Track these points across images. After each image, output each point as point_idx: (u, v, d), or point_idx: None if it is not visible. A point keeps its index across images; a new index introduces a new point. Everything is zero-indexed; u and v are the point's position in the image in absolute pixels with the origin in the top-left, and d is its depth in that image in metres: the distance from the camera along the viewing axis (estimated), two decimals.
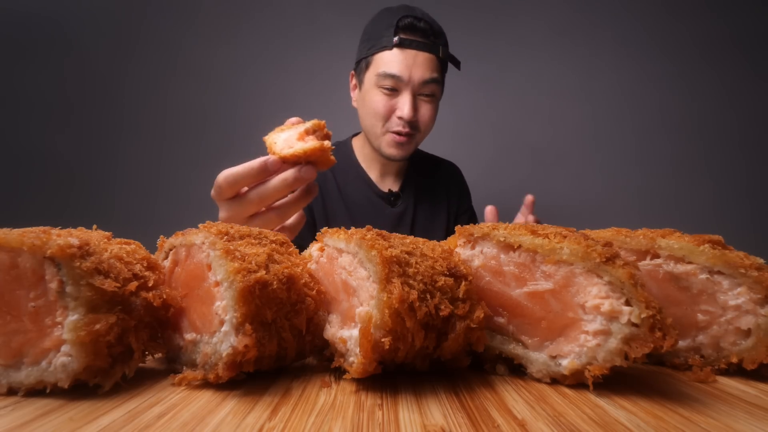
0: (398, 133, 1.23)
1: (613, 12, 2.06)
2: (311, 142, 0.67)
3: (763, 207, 2.00)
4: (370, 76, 1.24)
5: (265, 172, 0.68)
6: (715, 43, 2.02)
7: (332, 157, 0.69)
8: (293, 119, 0.74)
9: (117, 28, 2.12)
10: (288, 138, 0.70)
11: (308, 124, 0.70)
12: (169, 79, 2.14)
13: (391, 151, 1.27)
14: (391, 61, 1.19)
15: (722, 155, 2.03)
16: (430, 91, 1.23)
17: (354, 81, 1.36)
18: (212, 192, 0.71)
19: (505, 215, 1.84)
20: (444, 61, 1.27)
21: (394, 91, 1.21)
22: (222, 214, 0.71)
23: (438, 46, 1.22)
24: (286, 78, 2.13)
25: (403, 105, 1.20)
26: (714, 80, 2.03)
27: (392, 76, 1.19)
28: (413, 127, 1.24)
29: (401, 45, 1.18)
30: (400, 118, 1.21)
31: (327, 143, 0.67)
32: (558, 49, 2.08)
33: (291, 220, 0.78)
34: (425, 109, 1.24)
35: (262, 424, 0.30)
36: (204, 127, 2.14)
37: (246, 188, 0.70)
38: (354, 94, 1.37)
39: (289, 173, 0.68)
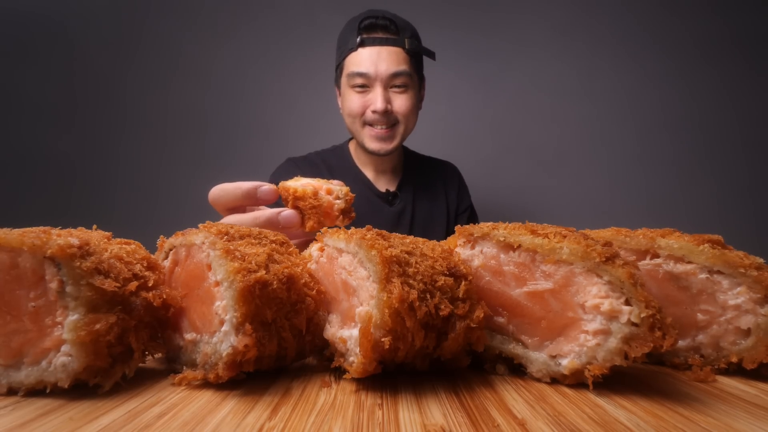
0: (375, 125, 1.28)
1: (614, 11, 2.06)
2: (306, 185, 0.61)
3: (764, 207, 2.00)
4: (343, 80, 1.31)
5: (251, 199, 0.62)
6: (716, 42, 2.02)
7: (324, 219, 0.62)
8: (335, 182, 0.67)
9: (117, 30, 2.12)
10: (308, 182, 0.64)
11: (338, 187, 0.64)
12: (169, 79, 2.14)
13: (374, 145, 1.31)
14: (357, 60, 1.26)
15: (722, 155, 2.03)
16: (402, 82, 1.27)
17: (338, 91, 1.42)
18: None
19: (506, 215, 1.83)
20: (415, 53, 1.30)
21: (365, 88, 1.27)
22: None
23: (403, 39, 1.27)
24: (287, 78, 2.13)
25: (375, 99, 1.25)
26: (714, 80, 2.03)
27: (360, 74, 1.25)
28: (390, 119, 1.28)
29: (364, 44, 1.25)
30: (374, 111, 1.26)
31: (325, 196, 0.60)
32: (558, 49, 2.08)
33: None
34: (400, 101, 1.28)
35: (262, 424, 0.30)
36: (204, 127, 2.14)
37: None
38: (340, 103, 1.42)
39: (263, 211, 0.62)
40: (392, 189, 1.42)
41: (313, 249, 0.47)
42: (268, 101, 2.14)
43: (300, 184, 0.63)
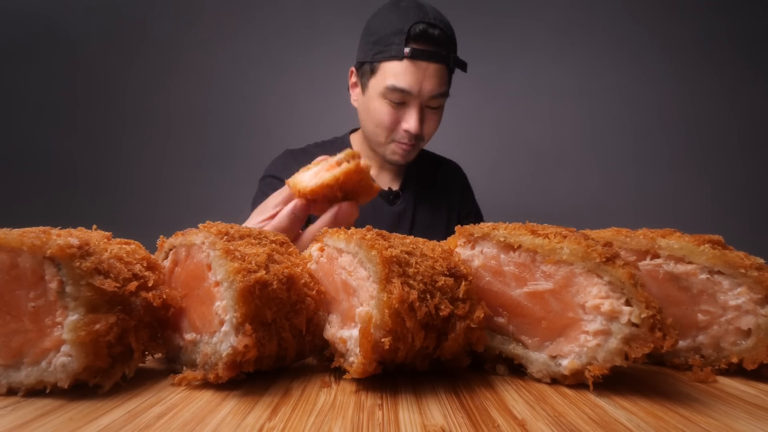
0: (403, 143, 1.20)
1: (613, 12, 2.06)
2: (343, 166, 0.57)
3: (764, 207, 2.00)
4: (376, 85, 1.18)
5: (297, 223, 0.61)
6: (714, 42, 2.02)
7: (375, 184, 0.60)
8: (320, 158, 0.63)
9: (117, 30, 2.12)
10: (316, 172, 0.60)
11: (340, 155, 0.59)
12: (169, 79, 2.14)
13: (396, 158, 1.25)
14: (400, 73, 1.12)
15: (722, 155, 2.04)
16: (438, 104, 1.19)
17: (354, 79, 1.29)
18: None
19: (506, 215, 1.83)
20: (453, 68, 1.23)
21: (401, 104, 1.16)
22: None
23: (449, 56, 1.16)
24: (287, 78, 2.14)
25: (410, 119, 1.15)
26: (714, 80, 2.03)
27: (402, 91, 1.12)
28: (418, 138, 1.21)
29: (413, 57, 1.10)
30: (406, 131, 1.17)
31: (365, 163, 0.57)
32: (558, 50, 2.08)
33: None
34: (431, 121, 1.21)
35: (262, 424, 0.30)
36: (204, 127, 2.14)
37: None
38: (354, 93, 1.31)
39: (319, 222, 0.59)
40: (395, 188, 1.33)
41: (313, 249, 0.47)
42: (268, 101, 2.14)
43: (330, 174, 0.58)
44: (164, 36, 2.13)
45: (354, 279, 0.39)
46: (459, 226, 0.47)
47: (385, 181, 1.36)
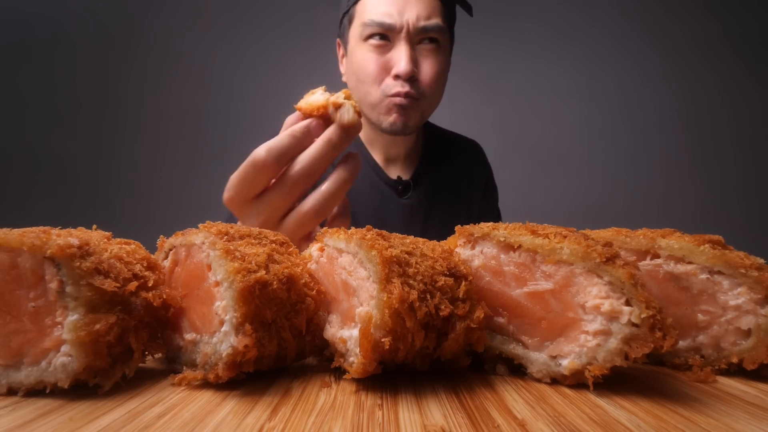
0: (397, 95, 0.97)
1: (612, 14, 2.06)
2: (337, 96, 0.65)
3: (764, 207, 2.00)
4: (354, 32, 0.99)
5: (309, 135, 0.60)
6: (713, 43, 2.03)
7: (336, 117, 0.65)
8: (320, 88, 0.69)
9: (117, 30, 2.12)
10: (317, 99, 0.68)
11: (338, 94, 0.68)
12: (169, 80, 2.14)
13: (393, 118, 0.98)
14: (374, 5, 0.94)
15: (722, 154, 2.04)
16: (433, 38, 0.97)
17: (341, 50, 1.11)
18: (233, 191, 0.61)
19: (505, 215, 1.84)
20: (449, 3, 1.02)
21: (385, 43, 0.95)
22: (251, 220, 0.60)
23: None
24: (286, 78, 2.14)
25: (399, 58, 0.93)
26: (712, 80, 2.04)
27: (380, 24, 0.93)
28: (415, 87, 0.97)
29: None
30: (396, 77, 0.94)
31: (331, 98, 0.65)
32: (556, 51, 2.09)
33: (336, 210, 0.67)
34: (428, 65, 0.97)
35: (262, 424, 0.30)
36: (204, 127, 2.15)
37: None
38: (342, 66, 1.11)
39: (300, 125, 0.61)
40: (405, 177, 1.13)
41: (313, 249, 0.47)
42: (268, 101, 2.14)
43: (324, 97, 0.66)
44: (164, 36, 2.13)
45: (354, 279, 0.39)
46: (459, 226, 0.47)
47: (393, 170, 1.15)
